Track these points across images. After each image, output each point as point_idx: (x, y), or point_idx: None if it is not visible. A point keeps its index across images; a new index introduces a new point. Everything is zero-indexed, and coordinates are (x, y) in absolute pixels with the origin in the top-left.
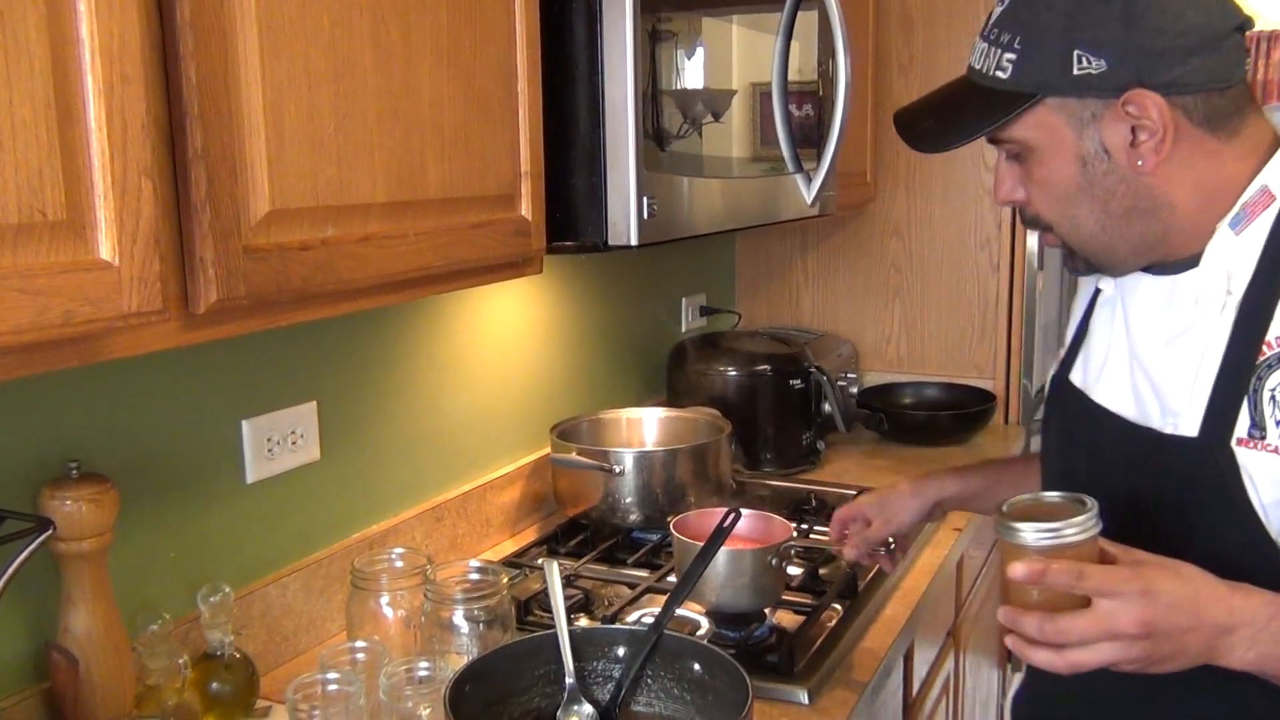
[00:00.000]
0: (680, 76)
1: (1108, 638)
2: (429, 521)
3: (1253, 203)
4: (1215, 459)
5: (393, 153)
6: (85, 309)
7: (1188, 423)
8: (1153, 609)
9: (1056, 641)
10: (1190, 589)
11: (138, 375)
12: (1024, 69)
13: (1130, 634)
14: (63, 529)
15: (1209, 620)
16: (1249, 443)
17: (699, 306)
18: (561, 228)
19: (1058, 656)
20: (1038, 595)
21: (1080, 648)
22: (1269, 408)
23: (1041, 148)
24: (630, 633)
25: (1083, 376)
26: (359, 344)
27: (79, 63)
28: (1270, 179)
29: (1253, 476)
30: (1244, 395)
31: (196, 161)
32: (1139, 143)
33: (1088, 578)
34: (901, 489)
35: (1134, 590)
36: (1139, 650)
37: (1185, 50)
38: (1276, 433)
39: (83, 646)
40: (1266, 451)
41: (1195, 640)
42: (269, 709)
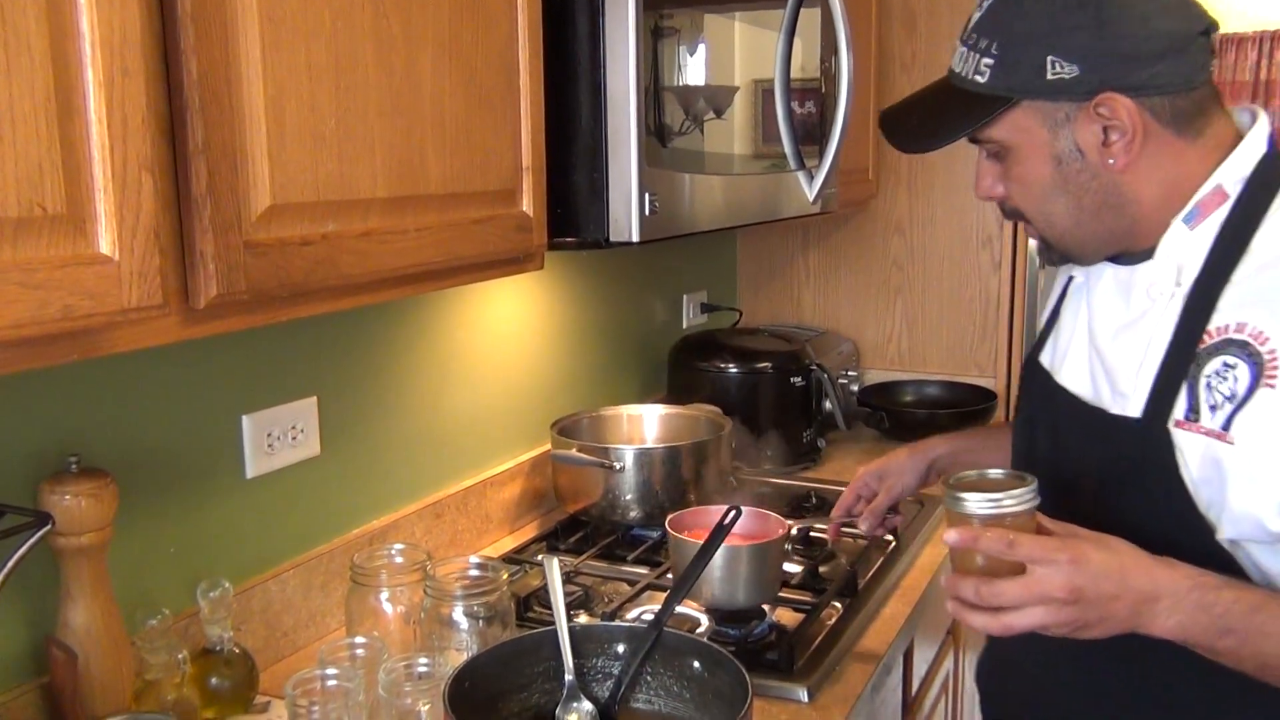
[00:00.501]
0: (682, 73)
1: (1038, 601)
2: (429, 517)
3: (1206, 200)
4: (1155, 438)
5: (394, 147)
6: (85, 303)
7: (1134, 404)
8: (1081, 576)
9: (992, 604)
10: (1117, 560)
11: (138, 370)
12: (1001, 73)
13: (1059, 598)
14: (62, 524)
15: (1134, 589)
16: (1185, 424)
17: (700, 303)
18: (563, 224)
19: (993, 619)
20: (980, 563)
21: (1013, 611)
22: (1204, 393)
23: (1018, 147)
24: (630, 630)
25: (1050, 358)
26: (359, 339)
27: (79, 56)
28: (1224, 178)
29: (1185, 455)
30: (1183, 380)
31: (197, 155)
32: (1110, 142)
33: (1019, 545)
34: (899, 456)
35: (1064, 558)
36: (1067, 614)
37: (1152, 55)
38: (1209, 416)
39: (82, 641)
40: (1199, 433)
41: (1121, 607)
42: (268, 704)
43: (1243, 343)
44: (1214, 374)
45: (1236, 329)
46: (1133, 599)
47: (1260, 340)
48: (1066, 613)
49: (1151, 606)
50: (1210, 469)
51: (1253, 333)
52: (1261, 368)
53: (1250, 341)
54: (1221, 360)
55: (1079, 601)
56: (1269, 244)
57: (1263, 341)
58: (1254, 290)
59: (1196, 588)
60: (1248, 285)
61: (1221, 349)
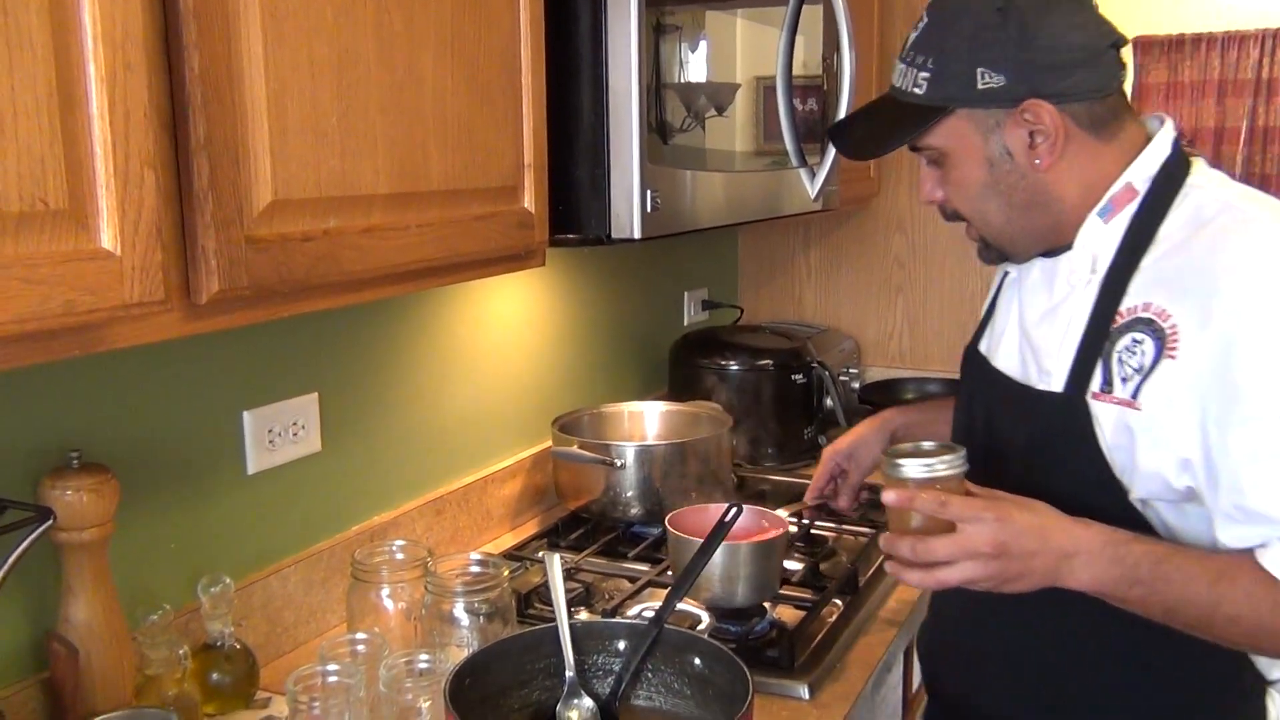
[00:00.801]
0: (684, 70)
1: (967, 556)
2: (430, 514)
3: (1118, 196)
4: (1075, 409)
5: (395, 143)
6: (87, 298)
7: (1057, 380)
8: (1005, 532)
9: (925, 560)
10: (1038, 519)
11: (139, 365)
12: (936, 85)
13: (986, 553)
14: (63, 519)
15: (1053, 545)
16: (1100, 396)
17: (701, 301)
18: (564, 220)
19: (927, 575)
20: (914, 524)
21: (945, 567)
22: (1116, 366)
23: (954, 152)
24: (631, 626)
25: (987, 345)
26: (361, 336)
27: (81, 50)
28: (1134, 176)
29: (1101, 423)
30: (1099, 357)
31: (199, 151)
32: (1035, 145)
33: (950, 504)
34: (862, 432)
35: (990, 516)
36: (993, 568)
37: (1070, 65)
38: (1121, 387)
39: (83, 636)
40: (1112, 403)
41: (1041, 563)
42: (269, 700)
43: (1148, 320)
44: (1124, 349)
45: (1143, 309)
46: (1052, 555)
47: (1163, 317)
48: (992, 566)
49: (1069, 561)
50: (1122, 434)
51: (1157, 311)
52: (1164, 341)
53: (1155, 319)
54: (1131, 337)
55: (1003, 556)
56: (1172, 234)
57: (1165, 319)
58: (1158, 275)
59: (1109, 543)
60: (1153, 270)
61: (1131, 327)
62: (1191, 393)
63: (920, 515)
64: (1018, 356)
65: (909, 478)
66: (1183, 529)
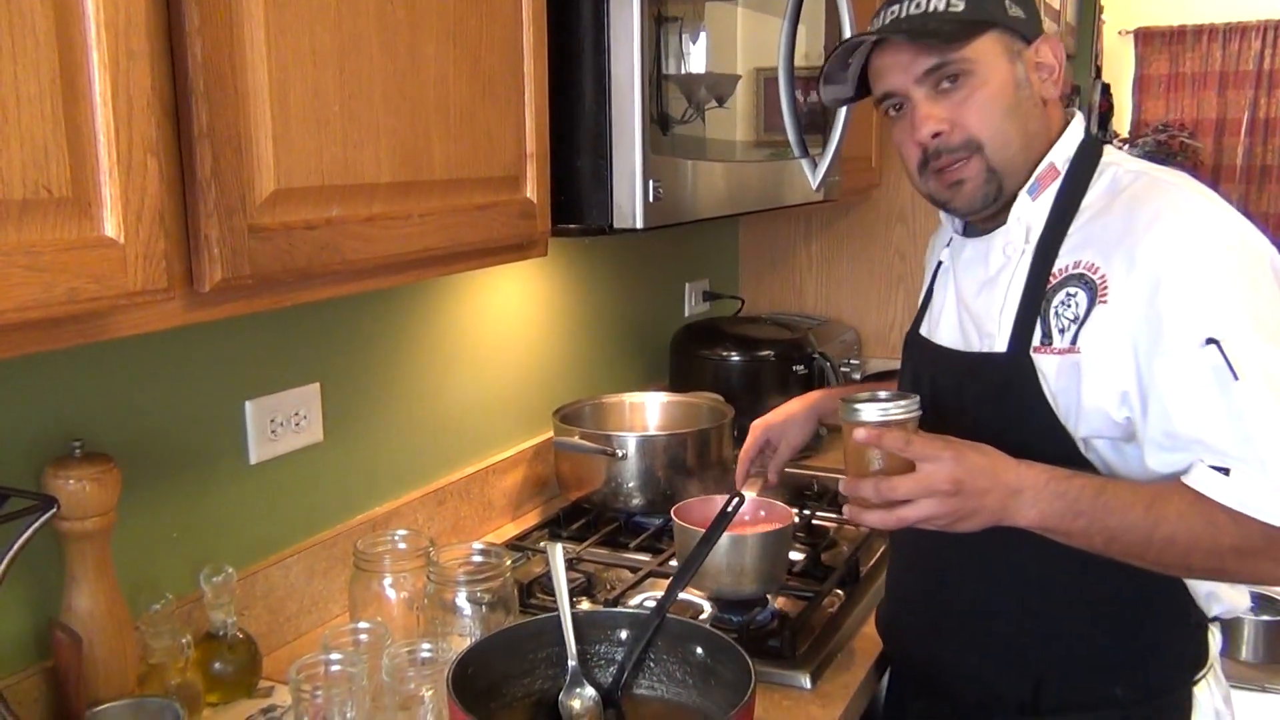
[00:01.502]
0: (685, 61)
1: (927, 493)
2: (431, 504)
3: (1043, 175)
4: (1019, 365)
5: (398, 132)
6: (90, 286)
7: (999, 341)
8: (962, 469)
9: (888, 498)
10: (989, 459)
11: (141, 355)
12: (975, 5)
13: (944, 490)
14: (66, 508)
15: (1003, 483)
16: (1041, 349)
17: (702, 291)
18: (566, 210)
19: (889, 514)
20: (874, 467)
21: (905, 505)
22: (1054, 321)
23: (986, 68)
24: (633, 616)
25: (928, 328)
26: (363, 326)
27: (84, 38)
28: (1056, 158)
29: (1044, 374)
30: (1037, 315)
31: (202, 139)
32: (1043, 78)
33: (913, 443)
34: (794, 411)
35: (948, 455)
36: (950, 505)
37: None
38: (1059, 338)
39: (86, 625)
40: (1052, 354)
41: (992, 500)
42: (271, 689)
43: (1079, 275)
44: (1059, 304)
45: (1074, 266)
46: (1002, 492)
47: (1093, 270)
48: (950, 504)
49: (1017, 498)
50: (1065, 378)
51: (1087, 266)
52: (1096, 291)
53: (1086, 273)
54: (1065, 292)
55: (960, 493)
56: (1094, 202)
57: (1095, 271)
58: (1086, 236)
59: (1052, 479)
60: (1081, 234)
61: (1064, 284)
62: (1124, 331)
63: (879, 458)
64: (958, 330)
65: (867, 420)
66: (1121, 467)
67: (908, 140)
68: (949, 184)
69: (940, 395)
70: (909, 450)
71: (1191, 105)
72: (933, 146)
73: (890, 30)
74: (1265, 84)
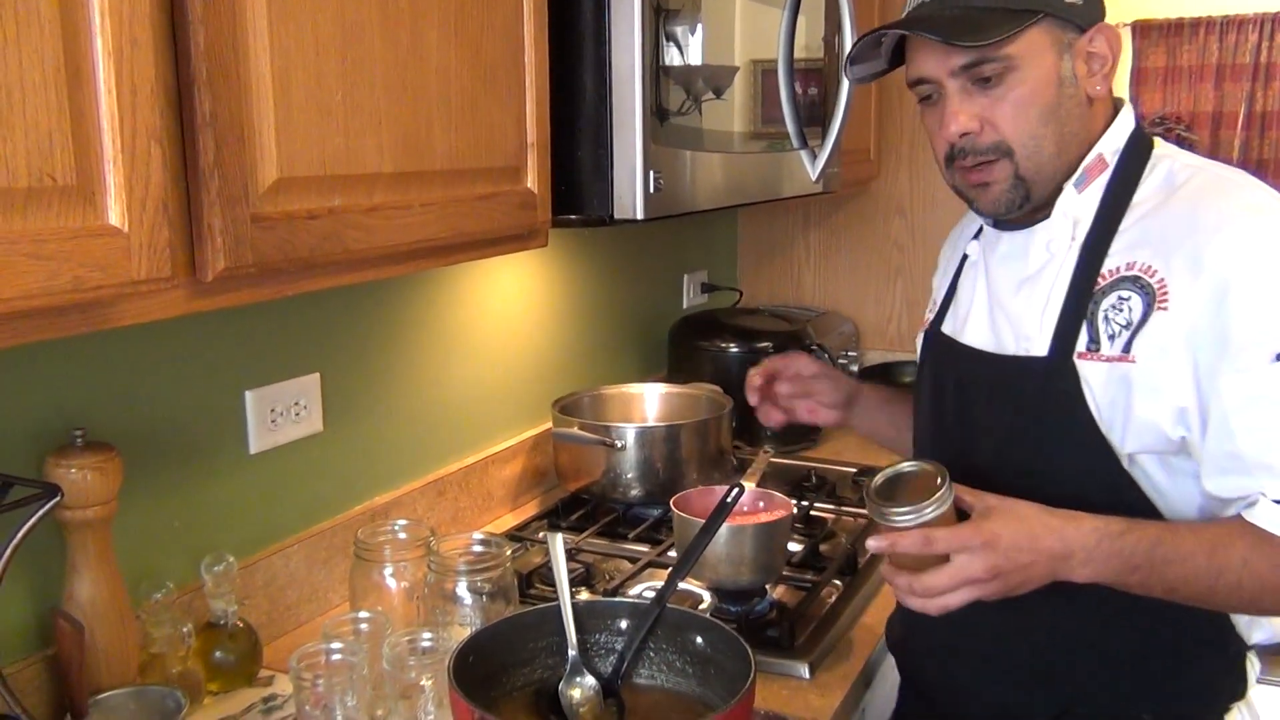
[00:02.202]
0: (683, 52)
1: (964, 584)
2: (431, 494)
3: (1091, 166)
4: (1061, 371)
5: (400, 122)
6: (94, 275)
7: (1039, 344)
8: (996, 555)
9: (922, 595)
10: (1026, 528)
11: (143, 344)
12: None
13: (982, 579)
14: (68, 497)
15: (1046, 550)
16: (1087, 355)
17: (700, 283)
18: (566, 201)
19: (929, 603)
20: (910, 557)
21: (945, 595)
22: (1102, 325)
23: (1028, 65)
24: (633, 605)
25: (952, 326)
26: (363, 316)
27: (88, 26)
28: (1104, 149)
29: (1089, 382)
30: (1084, 318)
31: (205, 128)
32: (1093, 72)
33: (935, 542)
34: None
35: (978, 544)
36: (992, 588)
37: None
38: (1109, 344)
39: (87, 614)
40: (1099, 361)
41: (1038, 569)
42: (272, 678)
43: (1134, 278)
44: (1110, 308)
45: (1127, 268)
46: (1047, 559)
47: (1149, 273)
48: (991, 586)
49: (1066, 562)
50: (1115, 389)
51: (1142, 268)
52: (1153, 296)
53: (1141, 275)
54: (1116, 295)
55: (999, 576)
56: (1147, 198)
57: (1151, 274)
58: (1140, 235)
59: (1104, 537)
60: (1134, 232)
61: (1115, 286)
62: (1185, 342)
63: None
64: (989, 330)
65: (898, 525)
66: (1170, 487)
67: (937, 133)
68: (974, 184)
69: (966, 400)
70: (935, 548)
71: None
72: (960, 145)
73: (925, 23)
74: (1262, 77)
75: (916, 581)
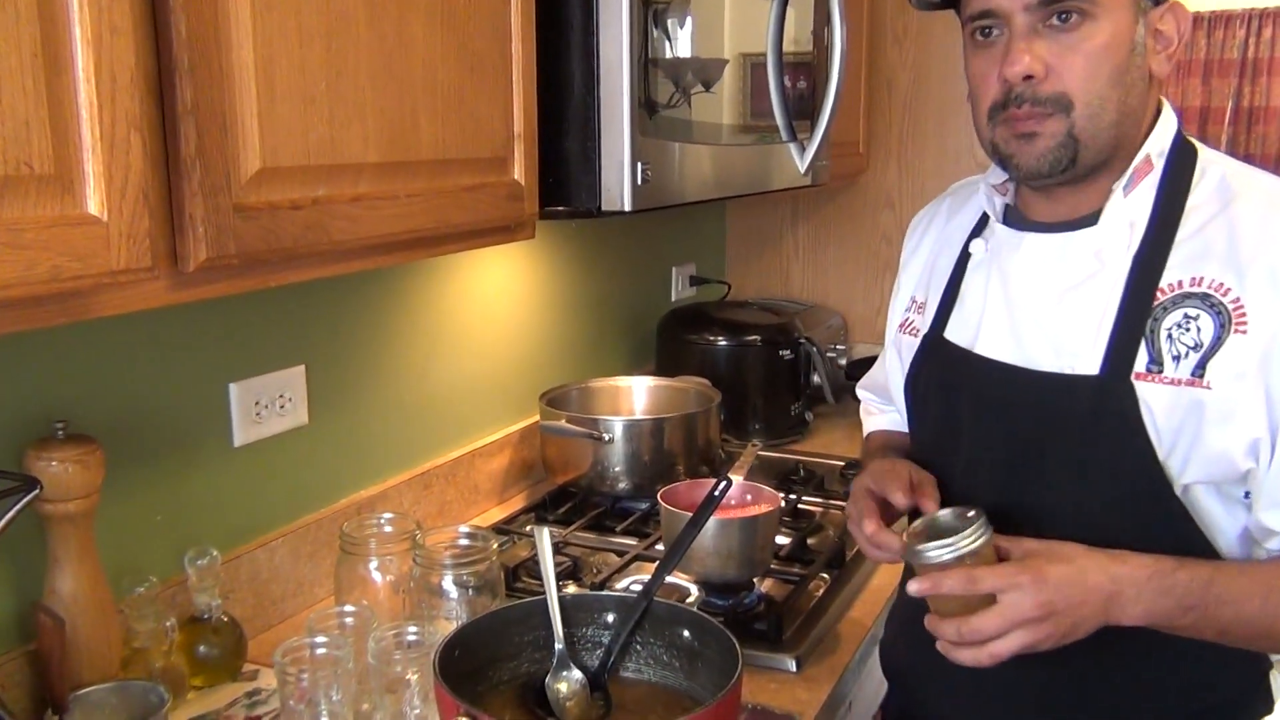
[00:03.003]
0: (672, 45)
1: (1015, 626)
2: (417, 488)
3: (1140, 168)
4: (1116, 391)
5: (385, 112)
6: (73, 265)
7: (1087, 362)
8: (1046, 591)
9: (973, 641)
10: (1074, 567)
11: (125, 335)
12: None
13: (1034, 617)
14: (49, 490)
15: (1095, 588)
16: (1146, 376)
17: (689, 276)
18: (554, 192)
19: (980, 651)
20: (954, 602)
21: (996, 640)
22: (1165, 345)
23: (1107, 16)
24: (620, 599)
25: (962, 334)
26: (348, 308)
27: (67, 12)
28: (1151, 149)
29: (1150, 405)
30: (1142, 336)
31: (186, 116)
32: (1158, 50)
33: (981, 580)
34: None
35: (1026, 580)
36: (1046, 630)
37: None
38: (1173, 366)
39: (69, 608)
40: (1163, 384)
41: (1089, 610)
42: (256, 672)
43: (1203, 295)
44: (1174, 326)
45: (1193, 283)
46: (1098, 599)
47: (1222, 291)
48: (1044, 628)
49: (1117, 601)
50: (1184, 415)
51: (1212, 285)
52: (1227, 316)
53: (1211, 294)
54: (1182, 313)
55: (1051, 615)
56: (1202, 206)
57: (1224, 292)
58: (1202, 248)
59: (1154, 575)
60: (1194, 244)
61: (1179, 303)
62: (1262, 368)
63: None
64: (1012, 341)
65: (934, 562)
66: (1222, 515)
67: (990, 73)
68: (1019, 134)
69: (982, 412)
70: (979, 588)
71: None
72: (1018, 90)
73: None
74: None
75: (965, 626)
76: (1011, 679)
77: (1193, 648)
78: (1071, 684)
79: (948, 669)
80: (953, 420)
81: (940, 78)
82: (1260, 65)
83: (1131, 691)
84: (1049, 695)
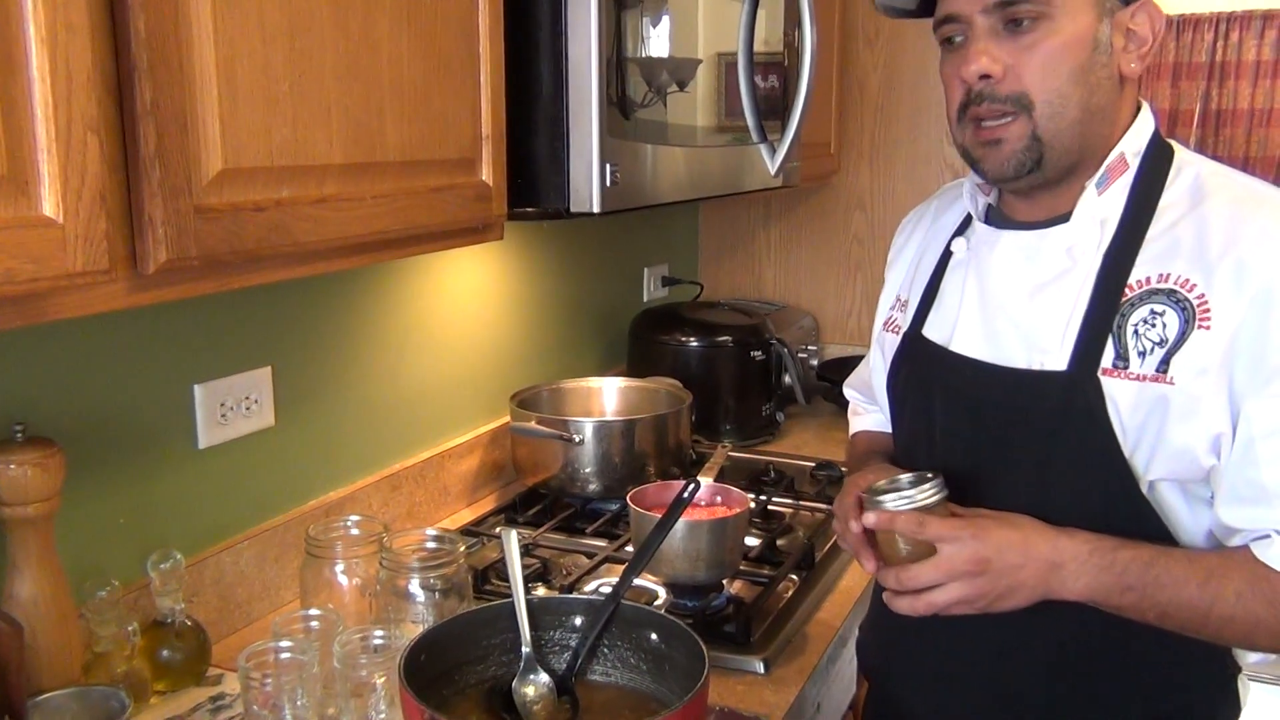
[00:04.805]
0: (645, 44)
1: (950, 577)
2: (386, 489)
3: (1113, 166)
4: (1083, 387)
5: (350, 112)
6: (28, 267)
7: (1056, 358)
8: (985, 548)
9: (911, 587)
10: (1019, 533)
11: (87, 337)
12: None
13: (969, 571)
14: (7, 493)
15: (1037, 556)
16: (1112, 372)
17: (661, 277)
18: (523, 193)
19: (917, 601)
20: (900, 554)
21: (932, 591)
22: (1132, 340)
23: (1065, 16)
24: (588, 602)
25: (938, 331)
26: (315, 309)
27: (19, 9)
28: (1126, 149)
29: (1116, 401)
30: (1109, 332)
31: (145, 117)
32: (1129, 49)
33: (927, 525)
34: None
35: (967, 535)
36: (980, 586)
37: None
38: (1138, 361)
39: (28, 613)
40: (1128, 379)
41: (1028, 575)
42: (220, 677)
43: (1169, 291)
44: (1140, 322)
45: (1160, 279)
46: (1038, 566)
47: (1187, 287)
48: (978, 584)
49: (1058, 572)
50: (1147, 411)
51: (1179, 281)
52: (1192, 312)
53: (1177, 289)
54: (1148, 309)
55: (987, 572)
56: (1174, 204)
57: (1190, 288)
58: (1169, 245)
59: (1096, 550)
60: (1164, 241)
61: (1146, 299)
62: (1224, 364)
63: (905, 544)
64: (983, 338)
65: (891, 511)
66: (1185, 515)
67: (954, 76)
68: (985, 140)
69: (958, 414)
70: (925, 532)
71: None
72: (977, 89)
73: None
74: (1217, 76)
75: (904, 572)
76: (985, 673)
77: (1154, 649)
78: (1039, 683)
79: (921, 665)
80: (927, 416)
81: (912, 80)
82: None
83: (1097, 693)
84: (1022, 691)
